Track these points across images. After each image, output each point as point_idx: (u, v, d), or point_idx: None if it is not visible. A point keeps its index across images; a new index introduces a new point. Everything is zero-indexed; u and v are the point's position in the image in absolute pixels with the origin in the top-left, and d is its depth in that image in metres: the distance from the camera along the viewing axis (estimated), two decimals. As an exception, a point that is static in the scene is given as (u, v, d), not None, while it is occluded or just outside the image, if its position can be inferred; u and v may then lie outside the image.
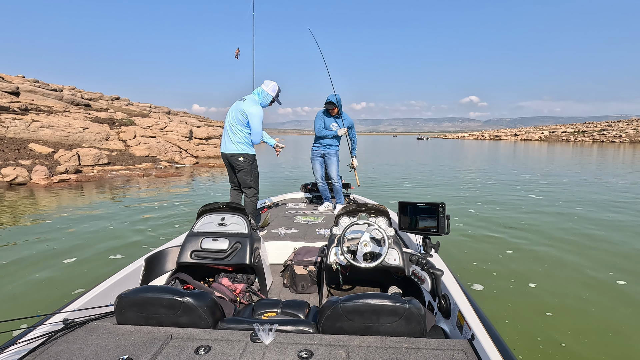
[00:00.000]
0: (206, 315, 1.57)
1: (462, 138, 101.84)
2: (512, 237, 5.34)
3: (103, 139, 18.28)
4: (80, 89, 42.26)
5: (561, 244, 4.96)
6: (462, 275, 3.86)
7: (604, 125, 79.36)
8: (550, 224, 6.10)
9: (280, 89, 3.84)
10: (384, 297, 1.49)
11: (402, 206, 2.61)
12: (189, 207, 7.48)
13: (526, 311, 3.10)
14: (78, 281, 3.76)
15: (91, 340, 1.44)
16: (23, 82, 26.04)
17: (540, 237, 5.33)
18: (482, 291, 3.48)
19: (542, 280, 3.73)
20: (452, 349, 1.40)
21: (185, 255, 2.61)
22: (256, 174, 3.88)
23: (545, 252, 4.63)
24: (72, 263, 4.30)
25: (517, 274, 3.89)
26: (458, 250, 4.72)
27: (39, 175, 10.91)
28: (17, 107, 18.11)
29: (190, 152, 22.95)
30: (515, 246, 4.88)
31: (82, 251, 4.69)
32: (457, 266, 4.09)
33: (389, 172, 14.92)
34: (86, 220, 6.30)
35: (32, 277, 3.85)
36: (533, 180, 11.98)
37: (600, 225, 5.99)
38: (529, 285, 3.61)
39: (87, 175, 12.11)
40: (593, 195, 8.85)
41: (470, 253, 4.60)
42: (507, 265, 4.19)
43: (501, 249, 4.75)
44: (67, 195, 9.00)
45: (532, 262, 4.29)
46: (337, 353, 1.35)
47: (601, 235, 5.37)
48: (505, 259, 4.40)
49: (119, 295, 1.61)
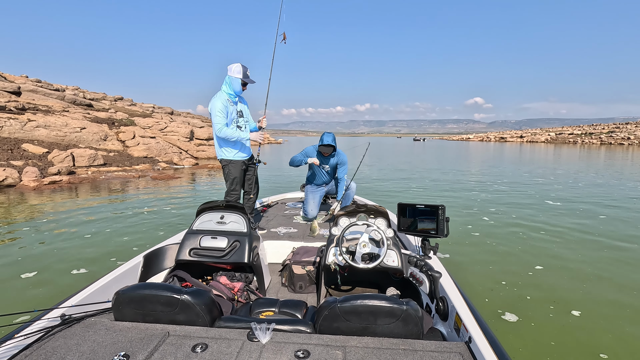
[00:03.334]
0: (204, 313, 1.56)
1: (467, 140, 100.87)
2: (536, 249, 4.74)
3: (101, 139, 17.84)
4: (84, 89, 42.06)
5: (594, 258, 4.36)
6: (491, 299, 3.27)
7: (611, 127, 78.20)
8: (574, 233, 5.49)
9: (246, 67, 3.38)
10: (381, 298, 1.49)
11: (402, 208, 2.59)
12: (182, 211, 6.94)
13: (575, 352, 2.51)
14: (33, 301, 3.20)
15: (88, 336, 1.44)
16: (25, 82, 25.69)
17: (568, 249, 4.73)
18: (517, 323, 2.88)
19: (586, 307, 3.14)
20: (449, 352, 1.39)
21: (184, 253, 2.61)
22: (233, 178, 3.54)
23: (580, 269, 4.03)
24: (31, 279, 3.77)
25: (554, 298, 3.30)
26: (482, 266, 4.13)
27: (29, 177, 10.43)
28: (13, 107, 17.73)
29: (191, 153, 22.47)
30: (543, 260, 4.29)
31: (47, 264, 4.15)
32: (484, 287, 3.51)
33: (394, 175, 14.32)
34: (67, 226, 5.78)
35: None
36: (547, 183, 11.34)
37: (631, 236, 5.37)
38: (571, 314, 3.02)
39: (80, 177, 11.62)
40: (613, 202, 8.22)
41: (495, 270, 4.00)
42: (540, 285, 3.59)
43: (529, 265, 4.15)
44: (53, 198, 8.49)
45: (567, 281, 3.69)
46: (333, 353, 1.35)
47: (634, 248, 4.77)
48: (536, 277, 3.81)
49: (117, 292, 1.60)
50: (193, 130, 25.43)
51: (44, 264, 4.14)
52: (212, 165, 17.39)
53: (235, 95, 3.42)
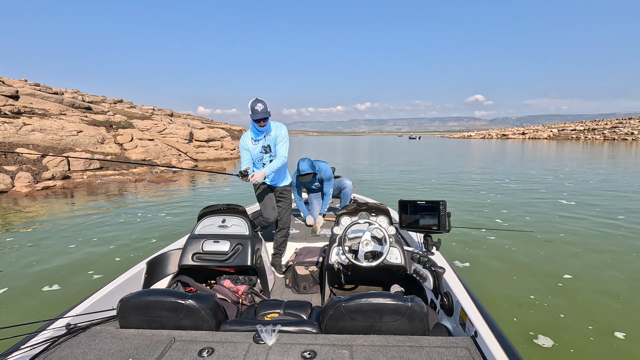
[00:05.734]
0: (209, 317, 1.56)
1: (468, 137, 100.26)
2: (559, 254, 4.35)
3: (98, 143, 17.49)
4: (83, 92, 41.81)
5: (625, 264, 3.97)
6: (520, 318, 2.88)
7: (614, 122, 77.53)
8: (596, 235, 5.10)
9: (257, 101, 2.82)
10: (386, 295, 1.48)
11: (403, 204, 2.57)
12: (177, 218, 6.58)
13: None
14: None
15: (94, 345, 1.44)
16: (23, 86, 25.37)
17: (594, 252, 4.36)
18: (554, 349, 2.49)
19: (630, 326, 2.75)
20: (456, 347, 1.38)
21: (187, 258, 2.61)
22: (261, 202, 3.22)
23: (613, 278, 3.64)
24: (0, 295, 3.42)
25: (592, 316, 2.91)
26: (505, 276, 3.74)
27: (21, 182, 10.10)
28: (9, 110, 17.42)
29: (190, 155, 22.12)
30: (570, 268, 3.90)
31: (16, 278, 3.79)
32: (511, 303, 3.12)
33: (397, 174, 13.93)
34: (50, 237, 5.42)
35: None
36: (557, 181, 10.93)
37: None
38: (615, 336, 2.63)
39: (74, 182, 11.28)
40: (632, 202, 7.81)
41: (520, 281, 3.61)
42: (573, 299, 3.21)
43: (556, 273, 3.77)
44: (44, 204, 8.14)
45: (603, 293, 3.30)
46: (340, 353, 1.34)
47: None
48: (567, 288, 3.42)
49: (122, 299, 1.60)
50: (192, 131, 25.07)
51: (12, 281, 3.78)
52: (212, 167, 17.04)
53: (256, 134, 2.99)
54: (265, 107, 2.80)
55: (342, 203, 4.42)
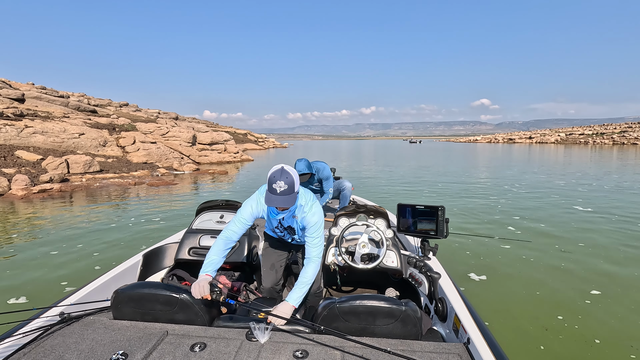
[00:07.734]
0: (202, 312, 1.55)
1: (474, 141, 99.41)
2: (582, 267, 3.97)
3: (100, 145, 17.35)
4: (90, 96, 41.98)
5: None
6: (548, 345, 2.51)
7: (623, 127, 76.36)
8: (619, 245, 4.70)
9: (274, 177, 1.68)
10: (380, 298, 1.48)
11: (401, 208, 2.56)
12: (171, 224, 6.28)
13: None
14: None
15: (87, 335, 1.43)
16: (30, 89, 25.43)
17: (619, 265, 3.97)
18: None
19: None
20: (448, 353, 1.37)
21: (183, 252, 2.62)
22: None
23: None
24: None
25: (632, 341, 2.53)
26: (527, 291, 3.37)
27: (18, 185, 9.89)
28: (11, 113, 17.36)
29: (193, 158, 21.93)
30: (597, 283, 3.52)
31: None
32: (536, 326, 2.74)
33: (401, 177, 13.56)
34: (32, 246, 5.14)
35: None
36: (570, 186, 10.49)
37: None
38: (662, 367, 2.27)
39: (72, 185, 11.06)
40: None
41: (544, 298, 3.24)
42: (606, 321, 2.82)
43: (582, 289, 3.39)
44: (38, 207, 7.89)
45: (638, 315, 2.93)
46: (332, 354, 1.33)
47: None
48: (597, 307, 3.05)
49: (116, 291, 1.59)
50: (196, 135, 24.93)
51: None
52: (214, 170, 16.80)
53: (274, 211, 1.97)
54: (291, 189, 1.67)
55: (341, 204, 4.28)
